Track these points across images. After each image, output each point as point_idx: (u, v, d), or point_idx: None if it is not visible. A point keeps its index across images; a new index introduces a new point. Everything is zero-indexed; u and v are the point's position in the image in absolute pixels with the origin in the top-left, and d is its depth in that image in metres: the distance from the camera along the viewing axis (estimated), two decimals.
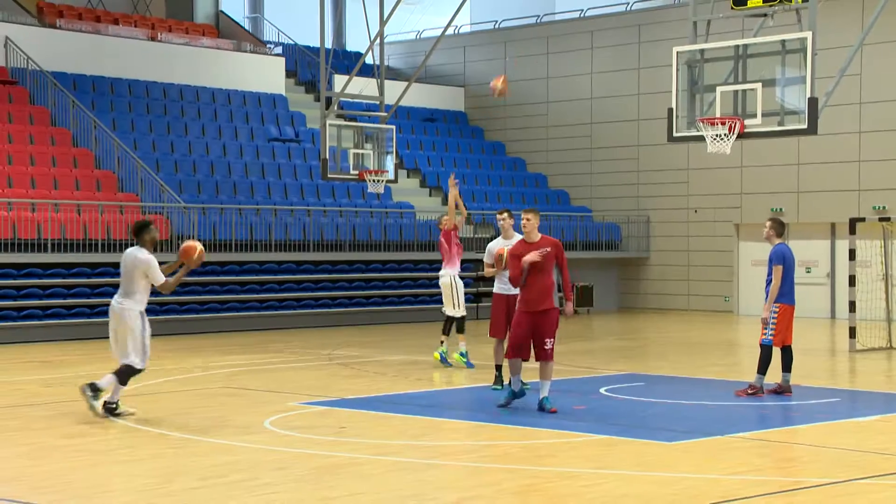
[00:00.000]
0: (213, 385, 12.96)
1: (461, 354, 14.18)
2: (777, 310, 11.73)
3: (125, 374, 10.27)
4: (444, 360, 14.32)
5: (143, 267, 10.19)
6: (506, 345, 12.43)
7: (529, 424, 10.11)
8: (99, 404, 10.23)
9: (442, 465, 8.37)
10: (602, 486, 7.57)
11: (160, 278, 10.22)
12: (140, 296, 10.24)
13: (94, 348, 17.17)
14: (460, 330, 14.13)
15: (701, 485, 7.65)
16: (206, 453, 8.81)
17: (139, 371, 10.36)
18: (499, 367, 12.41)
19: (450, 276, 14.27)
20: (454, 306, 14.13)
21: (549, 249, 10.51)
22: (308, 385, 12.95)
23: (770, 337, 11.71)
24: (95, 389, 10.22)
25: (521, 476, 7.90)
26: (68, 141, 22.38)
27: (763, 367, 11.70)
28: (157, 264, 10.24)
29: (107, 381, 10.25)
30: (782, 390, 11.78)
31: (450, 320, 14.25)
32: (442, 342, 14.40)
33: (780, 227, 12.10)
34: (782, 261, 11.83)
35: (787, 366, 11.84)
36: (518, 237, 12.51)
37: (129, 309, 10.22)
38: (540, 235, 10.66)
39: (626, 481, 7.77)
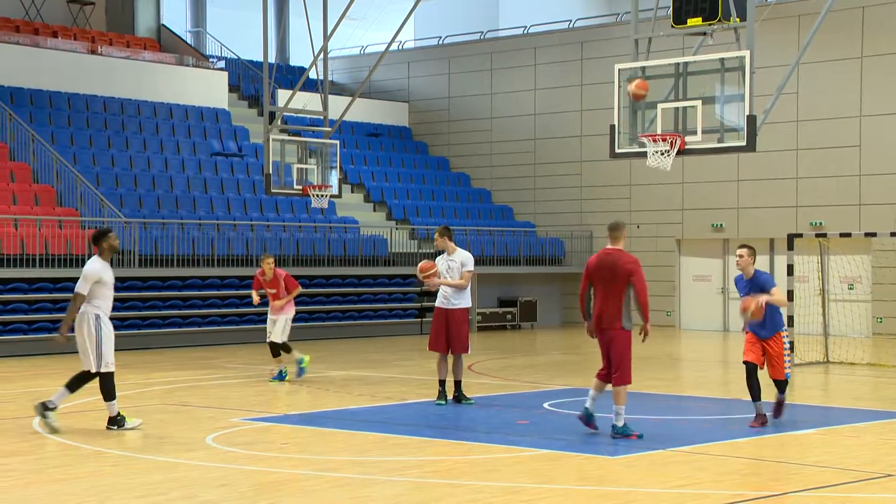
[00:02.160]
0: (152, 401, 12.79)
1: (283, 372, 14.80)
2: (788, 336, 10.97)
3: (77, 380, 10.34)
4: (300, 372, 14.85)
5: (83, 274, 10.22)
6: (451, 360, 12.44)
7: (473, 440, 10.11)
8: (49, 421, 10.25)
9: (385, 481, 8.33)
10: (545, 501, 7.59)
11: (80, 289, 10.13)
12: (101, 302, 10.21)
13: (31, 365, 16.86)
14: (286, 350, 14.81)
15: (643, 499, 7.69)
16: (146, 471, 8.67)
17: (93, 376, 10.30)
18: (442, 383, 12.40)
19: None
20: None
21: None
22: (250, 401, 12.83)
23: (789, 369, 10.94)
24: (115, 421, 10.35)
25: (465, 491, 7.89)
26: (5, 155, 22.00)
27: (783, 388, 10.92)
28: (90, 276, 10.14)
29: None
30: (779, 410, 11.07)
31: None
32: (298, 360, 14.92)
33: (755, 253, 11.02)
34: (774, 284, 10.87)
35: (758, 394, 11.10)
36: (460, 252, 12.46)
37: (84, 313, 10.23)
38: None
39: (569, 496, 7.79)
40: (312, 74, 23.80)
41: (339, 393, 13.70)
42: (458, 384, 12.45)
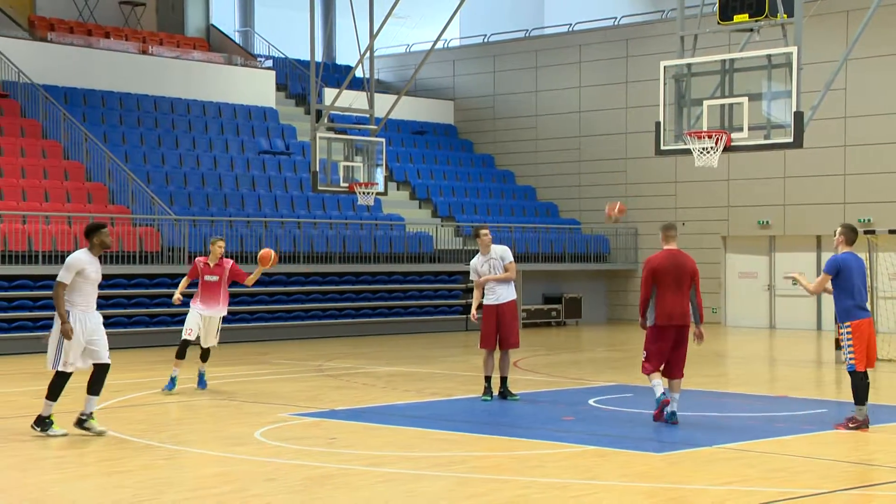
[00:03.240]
0: (203, 397, 12.99)
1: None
2: (850, 328, 10.32)
3: (91, 381, 9.94)
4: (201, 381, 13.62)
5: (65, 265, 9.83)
6: (497, 356, 12.50)
7: (519, 435, 10.17)
8: (91, 427, 9.94)
9: (432, 476, 8.42)
10: (591, 497, 7.64)
11: (62, 278, 9.75)
12: (76, 297, 9.80)
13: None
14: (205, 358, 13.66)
15: (689, 495, 7.71)
16: (197, 465, 8.84)
17: (65, 374, 9.90)
18: (488, 379, 12.47)
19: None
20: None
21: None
22: (298, 396, 12.98)
23: (851, 361, 10.27)
24: (41, 422, 9.94)
25: (511, 487, 7.96)
26: (59, 153, 22.40)
27: (859, 397, 10.31)
28: (73, 266, 9.74)
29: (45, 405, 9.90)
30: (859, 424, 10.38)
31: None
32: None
33: (851, 235, 10.45)
34: (835, 271, 10.33)
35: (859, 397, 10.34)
36: (495, 247, 12.45)
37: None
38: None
39: (614, 492, 7.83)
40: (359, 73, 23.96)
41: (385, 389, 13.82)
42: (504, 380, 12.52)
